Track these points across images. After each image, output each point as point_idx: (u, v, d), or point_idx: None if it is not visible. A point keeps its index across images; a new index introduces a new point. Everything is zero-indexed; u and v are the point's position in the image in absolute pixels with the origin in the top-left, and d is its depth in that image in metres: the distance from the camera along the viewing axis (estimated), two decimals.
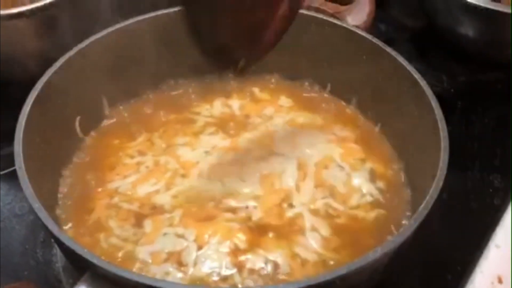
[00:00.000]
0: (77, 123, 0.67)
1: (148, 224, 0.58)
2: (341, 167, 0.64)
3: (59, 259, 0.65)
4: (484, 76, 0.88)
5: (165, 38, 0.71)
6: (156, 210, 0.60)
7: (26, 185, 0.52)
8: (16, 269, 0.64)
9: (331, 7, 0.74)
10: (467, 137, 0.80)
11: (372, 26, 0.79)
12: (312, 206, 0.60)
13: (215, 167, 0.63)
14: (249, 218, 0.58)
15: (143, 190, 0.62)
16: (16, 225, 0.69)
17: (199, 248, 0.55)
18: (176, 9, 0.71)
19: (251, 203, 0.59)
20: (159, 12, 0.71)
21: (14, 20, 0.75)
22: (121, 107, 0.72)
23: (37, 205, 0.50)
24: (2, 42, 0.77)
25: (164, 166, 0.64)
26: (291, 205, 0.60)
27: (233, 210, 0.58)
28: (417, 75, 0.62)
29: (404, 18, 1.01)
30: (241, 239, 0.55)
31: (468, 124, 0.82)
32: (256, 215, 0.58)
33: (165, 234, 0.56)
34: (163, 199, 0.61)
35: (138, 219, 0.59)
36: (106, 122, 0.71)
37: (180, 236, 0.56)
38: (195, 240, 0.56)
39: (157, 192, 0.62)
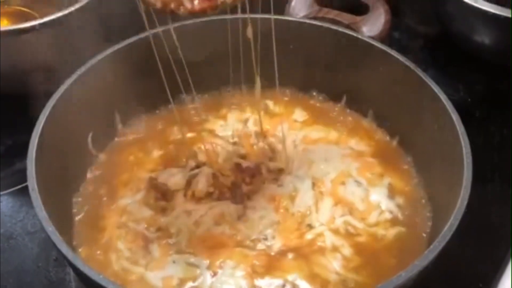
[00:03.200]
0: (89, 140, 0.66)
1: (155, 249, 0.57)
2: (359, 183, 0.63)
3: (72, 278, 0.64)
4: (502, 85, 0.86)
5: (176, 53, 0.70)
6: (162, 232, 0.59)
7: (40, 208, 0.51)
8: None
9: (347, 17, 0.73)
10: (486, 148, 0.78)
11: (387, 33, 0.77)
12: (332, 225, 0.58)
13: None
14: (269, 247, 0.56)
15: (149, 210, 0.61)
16: (29, 242, 0.68)
17: (213, 274, 0.54)
18: (188, 21, 0.70)
19: (269, 232, 0.58)
20: (170, 26, 0.69)
21: (26, 34, 0.75)
22: (134, 123, 0.71)
23: (50, 229, 0.49)
24: (14, 55, 0.77)
25: None
26: (310, 226, 0.58)
27: (250, 241, 0.57)
28: (436, 89, 0.61)
29: (419, 26, 0.99)
30: (257, 264, 0.54)
31: (487, 134, 0.80)
32: (276, 245, 0.57)
33: (174, 261, 0.55)
34: (167, 220, 0.60)
35: (146, 242, 0.58)
36: (119, 139, 0.70)
37: (191, 264, 0.55)
38: (208, 268, 0.55)
39: (163, 212, 0.61)
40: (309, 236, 0.58)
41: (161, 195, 0.62)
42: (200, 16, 0.62)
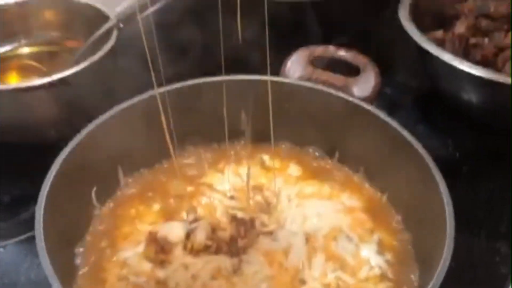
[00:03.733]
0: (93, 194, 0.70)
1: None
2: (350, 238, 0.66)
3: None
4: (489, 142, 0.90)
5: (178, 108, 0.74)
6: (161, 286, 0.61)
7: (46, 263, 0.54)
8: None
9: (338, 79, 0.77)
10: (473, 203, 0.81)
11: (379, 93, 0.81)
12: (324, 281, 0.61)
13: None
14: None
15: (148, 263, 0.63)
16: None
17: None
18: (187, 83, 0.74)
19: (263, 286, 0.60)
20: (170, 87, 0.74)
21: (35, 91, 0.79)
22: (135, 177, 0.74)
23: (56, 285, 0.52)
24: (22, 110, 0.81)
25: None
26: (303, 281, 0.61)
27: None
28: (421, 150, 0.65)
29: (410, 82, 1.04)
30: None
31: (474, 189, 0.83)
32: None
33: None
34: (166, 273, 0.62)
35: None
36: (121, 192, 0.73)
37: None
38: None
39: (162, 265, 0.63)
40: None
41: (160, 249, 0.64)
42: None
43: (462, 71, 0.82)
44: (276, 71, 0.79)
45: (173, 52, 0.94)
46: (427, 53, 0.86)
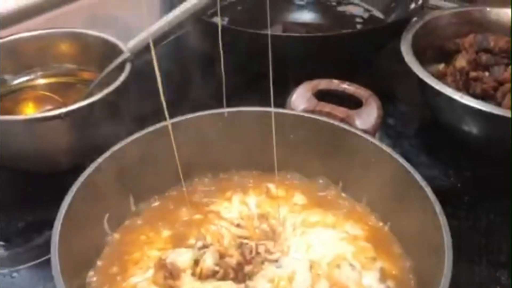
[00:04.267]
0: (105, 221, 0.72)
1: None
2: (353, 266, 0.68)
3: None
4: (490, 171, 0.92)
5: (186, 139, 0.77)
6: None
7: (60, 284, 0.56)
8: None
9: (341, 111, 0.80)
10: (474, 232, 0.83)
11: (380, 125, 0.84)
12: None
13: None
14: None
15: None
16: None
17: None
18: (197, 114, 0.78)
19: None
20: (182, 118, 0.77)
21: (50, 121, 0.82)
22: (146, 204, 0.77)
23: None
24: (38, 139, 0.84)
25: None
26: None
27: None
28: (423, 182, 0.67)
29: (412, 113, 1.07)
30: None
31: (475, 219, 0.85)
32: None
33: None
34: None
35: None
36: (132, 219, 0.75)
37: None
38: None
39: None
40: None
41: (169, 274, 0.66)
42: None
43: (462, 104, 0.85)
44: (282, 103, 0.82)
45: (182, 84, 0.98)
46: (428, 86, 0.89)
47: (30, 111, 0.94)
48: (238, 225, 0.74)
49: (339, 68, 0.89)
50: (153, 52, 0.65)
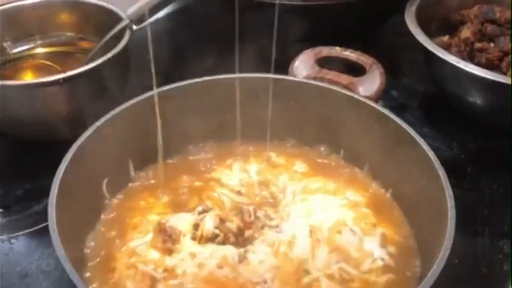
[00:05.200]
0: (104, 185, 0.72)
1: None
2: (354, 232, 0.67)
3: None
4: (494, 143, 0.91)
5: (187, 105, 0.77)
6: (169, 273, 0.62)
7: (59, 248, 0.56)
8: None
9: (344, 78, 0.79)
10: (477, 203, 0.82)
11: (384, 93, 0.83)
12: (327, 271, 0.62)
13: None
14: None
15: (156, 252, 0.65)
16: (43, 281, 0.72)
17: None
18: (198, 80, 0.77)
19: (268, 275, 0.61)
20: (184, 83, 0.76)
21: (49, 87, 0.81)
22: (146, 171, 0.76)
23: (68, 267, 0.53)
24: (37, 106, 0.83)
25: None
26: (307, 271, 0.62)
27: (250, 284, 0.61)
28: (425, 146, 0.66)
29: (415, 85, 1.05)
30: None
31: (478, 189, 0.85)
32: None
33: None
34: (174, 261, 0.63)
35: (153, 282, 0.62)
36: (131, 184, 0.75)
37: None
38: None
39: (170, 253, 0.64)
40: (305, 280, 0.62)
41: (168, 238, 0.66)
42: None
43: (467, 73, 0.83)
44: (285, 70, 0.81)
45: (185, 51, 0.97)
46: (433, 56, 0.88)
47: (29, 79, 0.93)
48: (238, 192, 0.74)
49: (341, 39, 0.87)
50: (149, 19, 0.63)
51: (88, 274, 0.64)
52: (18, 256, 0.75)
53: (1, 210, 0.81)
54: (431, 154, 0.65)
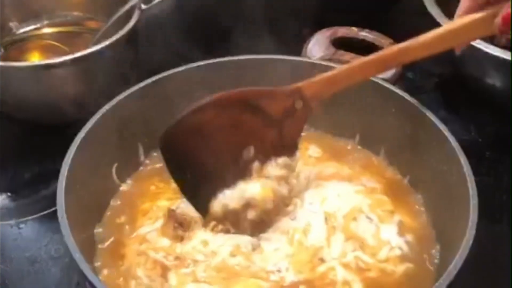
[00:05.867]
0: (114, 170, 0.70)
1: (172, 278, 0.59)
2: (370, 219, 0.65)
3: None
4: None
5: (198, 87, 0.74)
6: (180, 261, 0.61)
7: (68, 235, 0.54)
8: None
9: None
10: (495, 188, 0.80)
11: (401, 75, 0.81)
12: (343, 260, 0.60)
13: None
14: (282, 279, 0.59)
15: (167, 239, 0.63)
16: (52, 267, 0.71)
17: None
18: (210, 61, 0.74)
19: (283, 264, 0.60)
20: (190, 66, 0.74)
21: (56, 68, 0.79)
22: (156, 155, 0.74)
23: (77, 255, 0.52)
24: (45, 88, 0.81)
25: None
26: (322, 260, 0.60)
27: (264, 273, 0.59)
28: (446, 131, 0.64)
29: (432, 67, 1.02)
30: None
31: (496, 175, 0.82)
32: (289, 277, 0.59)
33: None
34: (185, 249, 0.62)
35: (164, 270, 0.60)
36: (141, 169, 0.73)
37: None
38: None
39: (181, 241, 0.63)
40: (321, 269, 0.60)
41: (179, 225, 0.64)
42: None
43: (487, 54, 0.81)
44: (298, 51, 0.79)
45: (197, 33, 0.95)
46: None
47: (36, 60, 0.91)
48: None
49: (355, 21, 0.84)
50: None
51: (98, 263, 0.63)
52: (27, 241, 0.74)
53: (9, 194, 0.80)
54: (452, 139, 0.63)
